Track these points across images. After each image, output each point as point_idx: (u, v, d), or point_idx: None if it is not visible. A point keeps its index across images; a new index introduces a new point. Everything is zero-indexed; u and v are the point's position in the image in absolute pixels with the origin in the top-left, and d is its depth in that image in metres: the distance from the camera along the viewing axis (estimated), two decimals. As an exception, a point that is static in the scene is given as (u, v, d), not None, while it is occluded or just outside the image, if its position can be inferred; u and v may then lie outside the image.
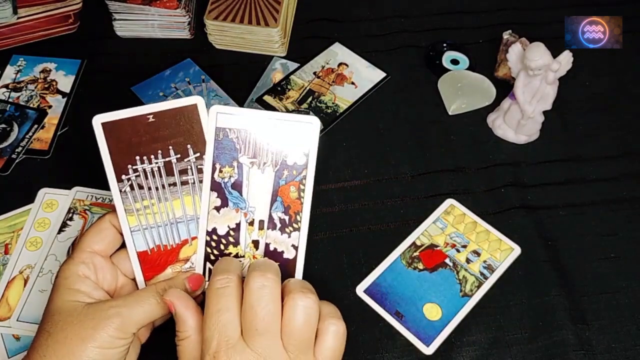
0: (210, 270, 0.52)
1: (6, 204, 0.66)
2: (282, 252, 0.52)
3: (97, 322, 0.45)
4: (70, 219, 0.64)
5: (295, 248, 0.52)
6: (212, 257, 0.52)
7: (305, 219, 0.51)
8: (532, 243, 0.64)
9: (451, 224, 0.65)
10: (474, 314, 0.59)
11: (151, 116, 0.50)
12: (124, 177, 0.50)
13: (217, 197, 0.51)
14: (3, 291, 0.60)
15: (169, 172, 0.51)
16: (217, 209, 0.51)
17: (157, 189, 0.51)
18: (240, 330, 0.44)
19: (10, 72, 0.78)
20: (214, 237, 0.52)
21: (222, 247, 0.52)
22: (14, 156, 0.70)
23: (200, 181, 0.51)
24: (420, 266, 0.62)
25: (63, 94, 0.76)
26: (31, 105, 0.75)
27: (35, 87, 0.77)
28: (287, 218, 0.51)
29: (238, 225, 0.51)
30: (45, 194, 0.66)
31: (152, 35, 0.84)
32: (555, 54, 0.64)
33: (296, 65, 0.80)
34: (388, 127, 0.74)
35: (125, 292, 0.51)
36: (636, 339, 0.58)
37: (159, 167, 0.50)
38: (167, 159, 0.50)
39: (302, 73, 0.79)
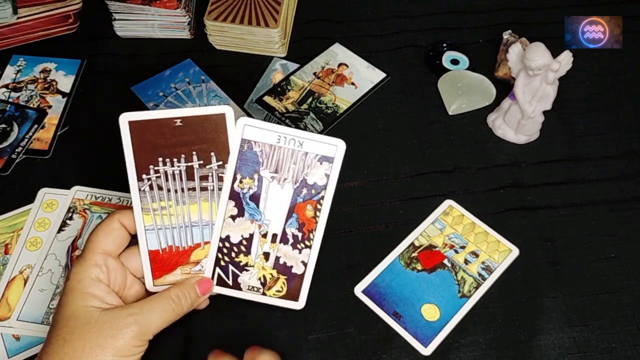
0: (219, 276, 0.52)
1: (6, 204, 0.66)
2: (292, 266, 0.53)
3: (115, 331, 0.45)
4: (70, 218, 0.65)
5: (305, 265, 0.53)
6: (222, 263, 0.53)
7: (318, 238, 0.52)
8: (531, 243, 0.64)
9: (450, 225, 0.65)
10: (472, 315, 0.59)
11: (179, 120, 0.50)
12: (144, 176, 0.51)
13: (235, 206, 0.52)
14: (3, 291, 0.60)
15: (190, 177, 0.51)
16: (233, 217, 0.52)
17: (176, 191, 0.51)
18: None
19: (10, 72, 0.79)
20: (227, 244, 0.52)
21: (233, 254, 0.52)
22: (14, 156, 0.70)
23: (220, 189, 0.52)
24: (419, 267, 0.62)
25: (63, 94, 0.77)
26: (31, 105, 0.75)
27: (35, 87, 0.77)
28: (300, 235, 0.52)
29: (251, 235, 0.52)
30: (45, 194, 0.67)
31: (152, 35, 0.84)
32: (555, 54, 0.64)
33: (296, 65, 0.80)
34: (388, 127, 0.74)
35: (134, 291, 0.51)
36: (636, 339, 0.58)
37: (180, 171, 0.51)
38: (190, 164, 0.51)
39: (302, 74, 0.79)
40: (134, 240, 0.52)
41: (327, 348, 0.57)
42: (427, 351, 0.57)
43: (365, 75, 0.79)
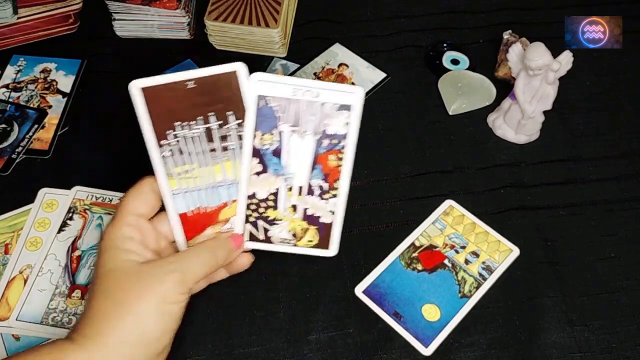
0: (250, 232, 0.53)
1: (6, 204, 0.66)
2: (319, 217, 0.53)
3: (158, 279, 0.45)
4: (70, 218, 0.65)
5: (333, 213, 0.53)
6: (252, 219, 0.53)
7: (344, 186, 0.52)
8: (531, 244, 0.64)
9: (450, 225, 0.65)
10: (472, 315, 0.59)
11: (191, 82, 0.49)
12: (163, 142, 0.50)
13: (258, 162, 0.52)
14: (3, 291, 0.60)
15: (210, 138, 0.51)
16: (258, 174, 0.52)
17: (197, 154, 0.51)
18: None
19: (10, 72, 0.79)
20: (254, 201, 0.52)
21: (261, 210, 0.53)
22: (14, 156, 0.70)
23: (241, 147, 0.51)
24: (419, 267, 0.62)
25: (63, 94, 0.77)
26: (31, 105, 0.75)
27: (36, 87, 0.77)
28: (325, 185, 0.52)
29: (277, 190, 0.52)
30: (45, 194, 0.67)
31: (151, 35, 0.84)
32: (555, 54, 0.64)
33: (296, 66, 0.80)
34: (388, 127, 0.74)
35: (167, 254, 0.51)
36: (636, 339, 0.58)
37: (199, 134, 0.51)
38: (207, 126, 0.51)
39: (303, 74, 0.79)
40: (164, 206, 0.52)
41: (327, 348, 0.57)
42: (427, 351, 0.57)
43: (365, 76, 0.79)
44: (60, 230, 0.64)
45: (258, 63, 0.81)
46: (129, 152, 0.72)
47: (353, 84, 0.78)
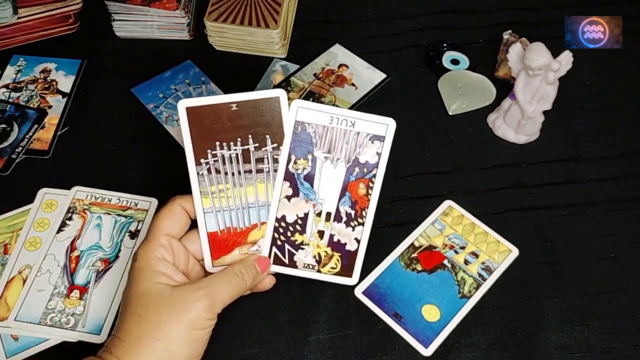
0: (275, 255, 0.54)
1: (6, 204, 0.66)
2: (345, 243, 0.54)
3: (188, 304, 0.47)
4: (70, 218, 0.64)
5: (358, 241, 0.55)
6: (279, 243, 0.54)
7: (370, 215, 0.54)
8: (531, 244, 0.64)
9: (449, 226, 0.65)
10: (472, 316, 0.59)
11: (234, 105, 0.52)
12: (202, 160, 0.52)
13: (289, 186, 0.54)
14: (2, 291, 0.60)
15: (246, 160, 0.53)
16: (288, 198, 0.54)
17: (232, 174, 0.53)
18: None
19: (10, 72, 0.79)
20: (282, 224, 0.54)
21: (289, 234, 0.54)
22: (14, 156, 0.70)
23: (275, 170, 0.53)
24: (419, 267, 0.62)
25: (63, 94, 0.77)
26: (31, 105, 0.75)
27: (36, 87, 0.77)
28: (353, 212, 0.54)
29: (306, 215, 0.54)
30: (45, 194, 0.67)
31: (151, 36, 0.84)
32: (555, 54, 0.64)
33: (296, 66, 0.80)
34: (388, 128, 0.74)
35: (195, 273, 0.53)
36: (636, 339, 0.58)
37: (237, 154, 0.53)
38: (246, 147, 0.53)
39: (303, 75, 0.79)
40: (193, 225, 0.54)
41: (327, 349, 0.57)
42: (427, 352, 0.57)
43: (365, 76, 0.79)
44: (59, 230, 0.64)
45: (258, 64, 0.81)
46: (129, 153, 0.72)
47: (353, 84, 0.78)
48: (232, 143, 0.52)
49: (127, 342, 0.46)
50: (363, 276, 0.61)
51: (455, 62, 0.80)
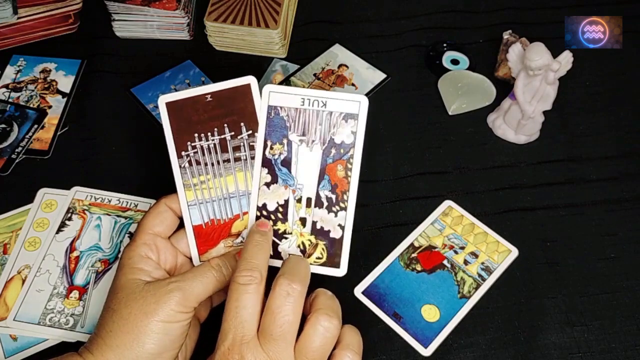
0: None
1: (6, 204, 0.66)
2: (329, 231, 0.53)
3: (159, 297, 0.47)
4: (69, 219, 0.64)
5: (342, 228, 0.53)
6: None
7: (352, 199, 0.53)
8: (531, 244, 0.63)
9: (449, 226, 0.65)
10: (472, 316, 0.59)
11: (209, 96, 0.53)
12: (183, 153, 0.53)
13: (268, 173, 0.53)
14: (1, 291, 0.60)
15: (224, 149, 0.53)
16: (267, 185, 0.53)
17: (212, 164, 0.53)
18: (257, 328, 0.46)
19: (10, 72, 0.79)
20: (264, 213, 0.54)
21: (270, 222, 0.53)
22: (13, 156, 0.70)
23: (252, 158, 0.53)
24: (419, 267, 0.62)
25: (63, 94, 0.77)
26: (31, 105, 0.75)
27: (35, 87, 0.77)
28: (334, 197, 0.53)
29: (286, 202, 0.53)
30: (45, 194, 0.67)
31: (151, 36, 0.84)
32: (555, 54, 0.64)
33: (296, 66, 0.80)
34: (388, 128, 0.74)
35: (184, 270, 0.53)
36: (636, 339, 0.58)
37: (214, 144, 0.53)
38: (222, 136, 0.53)
39: (303, 75, 0.79)
40: (183, 224, 0.54)
41: (326, 348, 0.57)
42: (427, 352, 0.56)
43: (365, 76, 0.79)
44: (59, 230, 0.64)
45: (258, 64, 0.81)
46: (129, 153, 0.72)
47: (353, 84, 0.78)
48: (209, 133, 0.53)
49: (100, 336, 0.47)
50: (362, 276, 0.61)
51: (455, 62, 0.80)
